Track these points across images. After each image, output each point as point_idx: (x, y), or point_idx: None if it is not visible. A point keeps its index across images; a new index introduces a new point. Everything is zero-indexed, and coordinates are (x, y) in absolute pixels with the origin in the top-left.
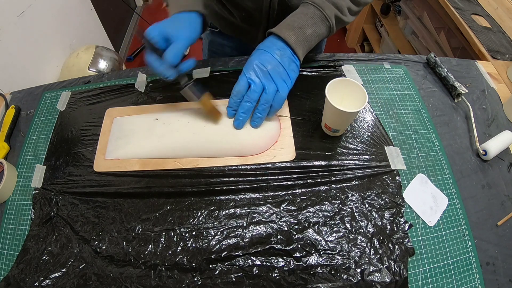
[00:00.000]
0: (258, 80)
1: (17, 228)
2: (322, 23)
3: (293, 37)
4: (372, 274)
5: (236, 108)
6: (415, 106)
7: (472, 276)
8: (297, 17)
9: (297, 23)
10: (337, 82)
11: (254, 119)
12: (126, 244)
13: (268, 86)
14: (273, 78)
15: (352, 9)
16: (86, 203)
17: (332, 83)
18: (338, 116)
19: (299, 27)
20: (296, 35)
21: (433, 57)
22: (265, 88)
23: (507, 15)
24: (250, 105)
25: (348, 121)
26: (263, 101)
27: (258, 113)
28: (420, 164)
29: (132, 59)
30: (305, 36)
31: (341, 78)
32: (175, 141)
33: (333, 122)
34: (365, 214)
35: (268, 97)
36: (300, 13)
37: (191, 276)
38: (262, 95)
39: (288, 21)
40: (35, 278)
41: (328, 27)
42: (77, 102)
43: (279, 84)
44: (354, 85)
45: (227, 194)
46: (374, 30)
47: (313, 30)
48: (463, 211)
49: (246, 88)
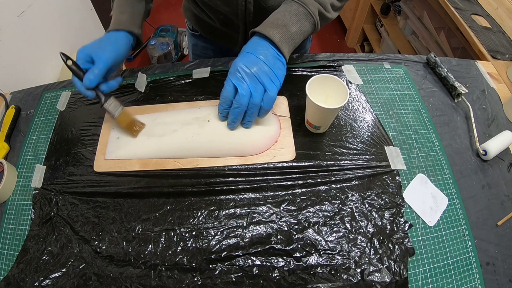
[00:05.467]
0: (245, 83)
1: (17, 228)
2: (307, 19)
3: (278, 36)
4: (372, 274)
5: (226, 114)
6: (415, 106)
7: (472, 276)
8: (280, 14)
9: (281, 21)
10: (320, 78)
11: (245, 122)
12: (126, 244)
13: (255, 89)
14: (260, 80)
15: (335, 5)
16: (86, 203)
17: (314, 79)
18: (319, 113)
19: (284, 25)
20: (280, 33)
21: (433, 57)
22: (252, 91)
23: (507, 15)
24: (240, 110)
25: (329, 118)
26: (251, 105)
27: (247, 117)
28: (420, 164)
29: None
30: (290, 34)
31: (324, 75)
32: (175, 141)
33: (314, 119)
34: (365, 214)
35: (255, 100)
36: (284, 11)
37: (191, 276)
38: (250, 99)
39: (271, 20)
40: (35, 278)
41: (313, 24)
42: (77, 102)
43: (267, 85)
44: (337, 82)
45: (227, 194)
46: (374, 30)
47: (298, 27)
48: (463, 211)
49: (233, 93)
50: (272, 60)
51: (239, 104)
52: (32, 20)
